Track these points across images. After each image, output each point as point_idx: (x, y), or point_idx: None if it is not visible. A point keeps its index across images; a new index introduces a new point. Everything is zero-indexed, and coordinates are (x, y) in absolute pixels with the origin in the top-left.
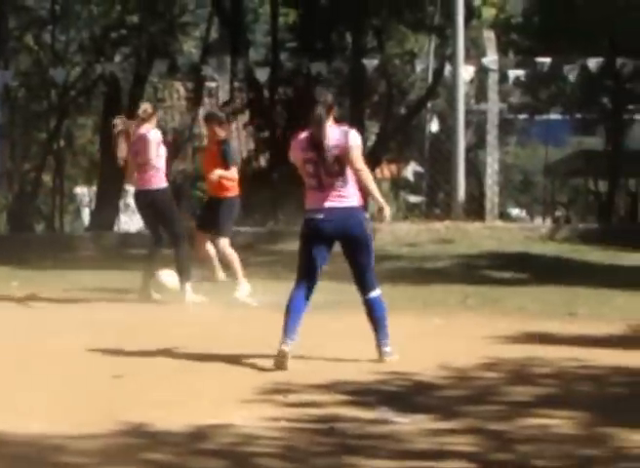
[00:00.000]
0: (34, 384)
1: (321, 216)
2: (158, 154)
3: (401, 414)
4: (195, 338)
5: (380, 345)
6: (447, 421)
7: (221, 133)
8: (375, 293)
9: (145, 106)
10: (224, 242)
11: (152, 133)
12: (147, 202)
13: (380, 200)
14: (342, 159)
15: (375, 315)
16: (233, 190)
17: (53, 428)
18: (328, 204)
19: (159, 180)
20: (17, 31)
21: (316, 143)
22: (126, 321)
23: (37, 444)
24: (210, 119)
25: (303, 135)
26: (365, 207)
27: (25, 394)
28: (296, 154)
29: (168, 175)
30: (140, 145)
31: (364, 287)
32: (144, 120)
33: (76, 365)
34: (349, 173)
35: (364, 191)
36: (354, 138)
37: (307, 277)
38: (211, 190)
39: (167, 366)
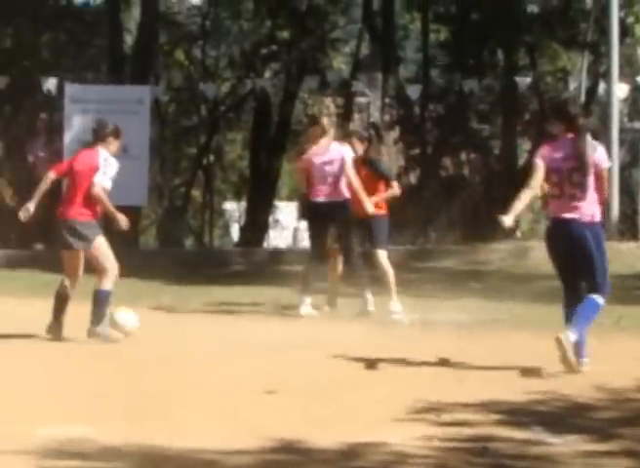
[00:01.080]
0: (187, 398)
1: (556, 226)
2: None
3: (556, 435)
4: (346, 355)
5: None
6: (603, 443)
7: (359, 149)
8: (594, 296)
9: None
10: (383, 254)
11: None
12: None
13: None
14: (589, 172)
15: (579, 309)
16: (382, 208)
17: (205, 443)
18: (564, 214)
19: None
20: (167, 46)
21: (576, 154)
22: (279, 336)
23: (188, 458)
24: (350, 135)
25: (560, 144)
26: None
27: (179, 408)
28: (544, 161)
29: None
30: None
31: (590, 288)
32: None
33: (229, 379)
34: (590, 185)
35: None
36: (605, 156)
37: (569, 286)
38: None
39: (320, 382)
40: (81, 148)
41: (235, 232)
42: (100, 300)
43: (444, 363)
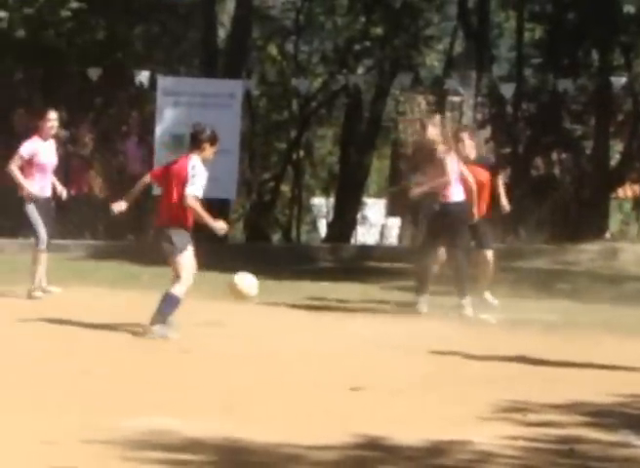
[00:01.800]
0: (274, 393)
1: None
2: None
3: None
4: (433, 353)
5: None
6: None
7: (471, 144)
8: None
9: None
10: (491, 254)
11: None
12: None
13: None
14: None
15: None
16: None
17: (289, 438)
18: None
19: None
20: (260, 41)
21: None
22: (367, 333)
23: (273, 453)
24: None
25: None
26: None
27: (264, 402)
28: None
29: None
30: None
31: None
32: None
33: (316, 375)
34: None
35: None
36: None
37: None
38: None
39: (407, 380)
40: (174, 153)
41: (323, 228)
42: (167, 302)
43: (530, 363)
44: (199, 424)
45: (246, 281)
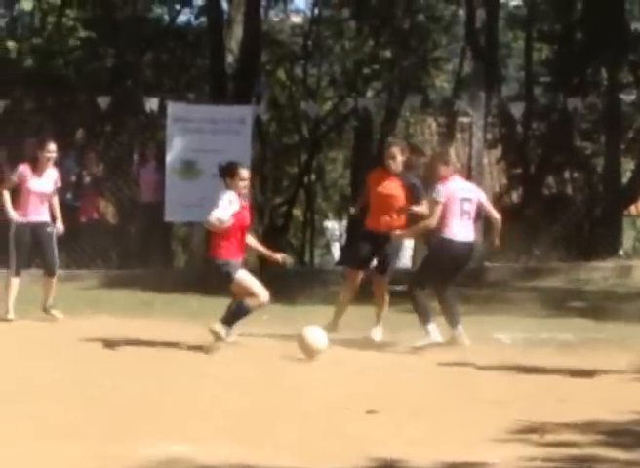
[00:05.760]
0: (288, 417)
1: None
2: None
3: None
4: (446, 375)
5: None
6: None
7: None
8: None
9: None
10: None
11: None
12: None
13: None
14: None
15: None
16: None
17: (303, 463)
18: None
19: None
20: (269, 65)
21: None
22: (380, 356)
23: None
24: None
25: None
26: None
27: (278, 427)
28: None
29: None
30: None
31: None
32: None
33: (331, 399)
34: None
35: None
36: None
37: None
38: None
39: (422, 402)
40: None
41: (336, 251)
42: (237, 310)
43: (546, 382)
44: (215, 450)
45: (316, 335)
